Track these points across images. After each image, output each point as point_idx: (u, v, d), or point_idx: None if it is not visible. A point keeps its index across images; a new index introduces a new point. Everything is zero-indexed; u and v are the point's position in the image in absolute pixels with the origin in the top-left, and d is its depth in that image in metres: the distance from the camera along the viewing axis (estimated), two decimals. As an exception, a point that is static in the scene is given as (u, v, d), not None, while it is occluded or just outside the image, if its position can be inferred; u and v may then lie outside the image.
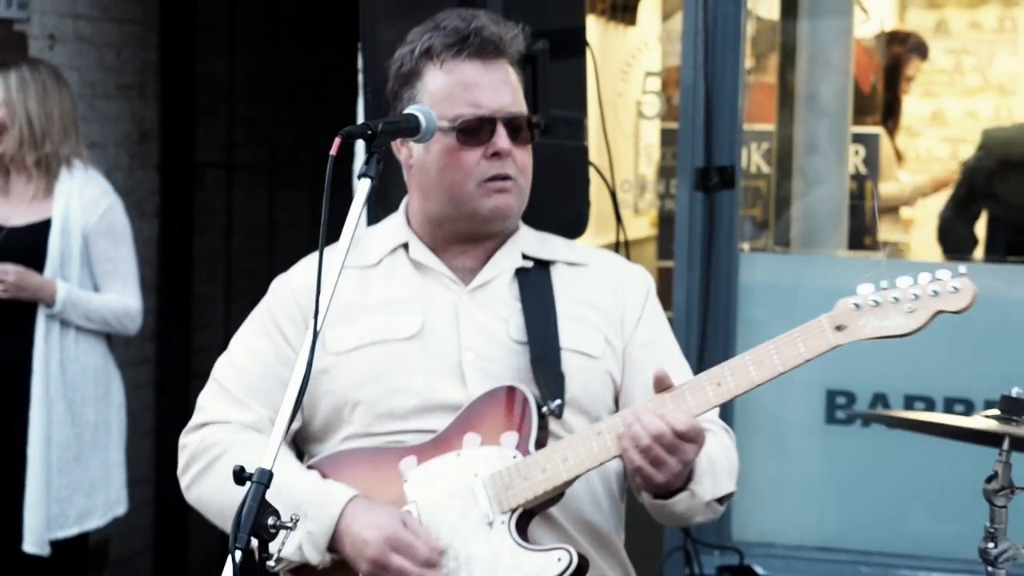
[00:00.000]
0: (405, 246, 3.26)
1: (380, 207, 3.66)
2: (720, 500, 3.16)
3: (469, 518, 3.08)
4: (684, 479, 3.02)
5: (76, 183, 5.82)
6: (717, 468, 3.14)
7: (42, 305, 5.67)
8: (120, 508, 6.02)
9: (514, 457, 3.08)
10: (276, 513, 2.77)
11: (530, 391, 3.12)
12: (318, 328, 2.83)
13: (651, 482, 2.98)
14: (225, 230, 7.89)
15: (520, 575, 3.05)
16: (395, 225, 3.24)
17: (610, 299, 3.28)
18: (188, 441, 3.27)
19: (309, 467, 3.17)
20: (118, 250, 5.94)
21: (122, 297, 5.88)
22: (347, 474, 3.13)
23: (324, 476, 3.11)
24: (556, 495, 3.08)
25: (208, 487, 3.21)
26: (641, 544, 5.30)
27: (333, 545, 3.04)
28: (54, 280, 5.69)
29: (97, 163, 7.08)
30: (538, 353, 3.16)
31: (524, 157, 3.25)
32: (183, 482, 3.27)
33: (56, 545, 5.76)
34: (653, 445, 2.92)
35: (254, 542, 2.71)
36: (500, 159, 3.19)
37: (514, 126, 3.22)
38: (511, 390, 3.12)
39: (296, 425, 3.23)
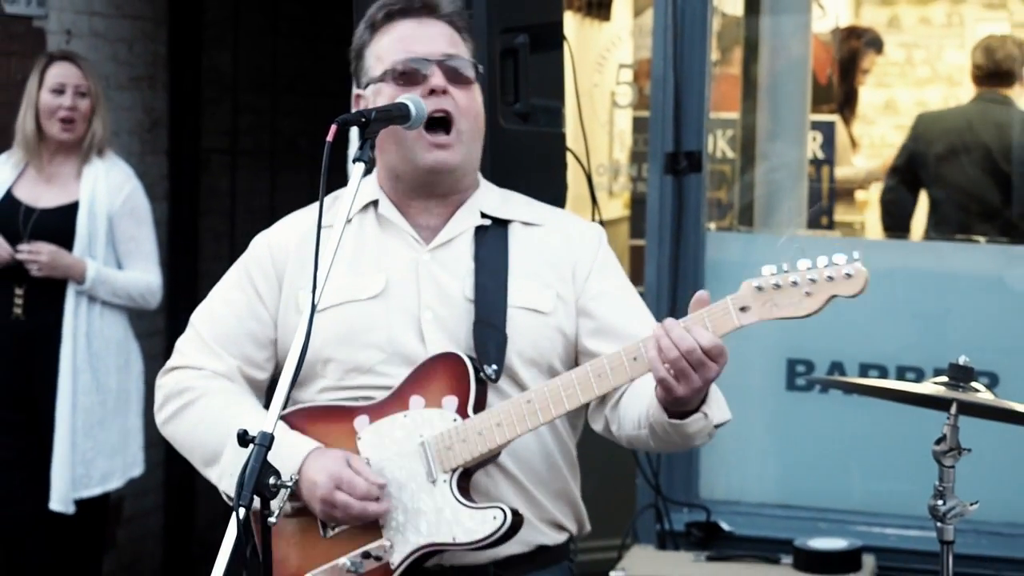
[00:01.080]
0: (375, 203, 3.23)
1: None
2: (717, 426, 3.11)
3: (415, 476, 3.07)
4: (699, 401, 2.98)
5: (102, 168, 5.86)
6: (720, 397, 3.10)
7: (72, 282, 5.68)
8: (137, 470, 6.04)
9: (454, 420, 3.07)
10: (277, 473, 2.78)
11: (469, 357, 3.10)
12: (316, 301, 2.84)
13: (672, 394, 2.91)
14: (230, 211, 7.87)
15: (460, 529, 3.05)
16: (368, 182, 3.19)
17: (562, 255, 3.25)
18: (164, 382, 3.28)
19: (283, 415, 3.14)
20: (140, 230, 5.96)
21: (145, 274, 5.91)
22: (309, 428, 3.13)
23: (291, 426, 3.11)
24: (493, 455, 3.08)
25: (181, 427, 3.23)
26: (615, 503, 5.30)
27: (294, 493, 3.01)
28: (84, 259, 5.70)
29: (112, 151, 7.13)
30: (483, 315, 3.15)
31: (466, 99, 3.19)
32: (159, 418, 3.29)
33: (80, 504, 5.77)
34: (681, 358, 2.87)
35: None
36: (437, 97, 3.14)
37: (449, 68, 3.17)
38: (454, 356, 3.10)
39: (265, 375, 3.28)
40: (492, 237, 3.22)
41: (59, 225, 5.74)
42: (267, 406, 3.17)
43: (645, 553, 4.96)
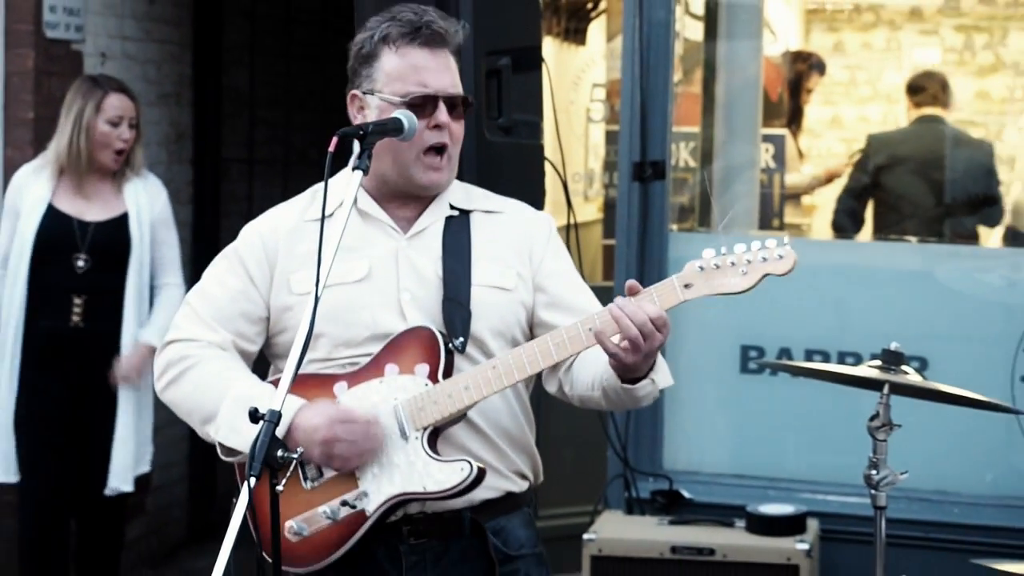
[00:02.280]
0: (355, 199, 3.18)
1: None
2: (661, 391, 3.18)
3: (390, 434, 3.08)
4: (648, 368, 3.02)
5: (140, 181, 5.82)
6: (664, 365, 3.14)
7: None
8: (152, 453, 6.08)
9: (425, 385, 3.08)
10: (284, 446, 2.81)
11: (439, 330, 3.12)
12: (319, 294, 2.87)
13: (623, 362, 2.96)
14: (247, 214, 7.80)
15: (430, 480, 3.06)
16: (344, 181, 3.15)
17: (520, 239, 3.27)
18: (163, 353, 3.27)
19: (271, 380, 3.19)
20: (170, 236, 5.95)
21: (175, 292, 5.84)
22: (296, 392, 3.08)
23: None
24: (460, 415, 3.10)
25: (180, 392, 3.22)
26: (588, 474, 5.30)
27: (287, 444, 2.97)
28: (142, 342, 5.66)
29: (143, 159, 7.11)
30: (450, 293, 3.16)
31: (458, 129, 3.22)
32: (159, 386, 3.28)
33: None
34: (632, 327, 2.92)
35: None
36: (440, 130, 3.16)
37: (452, 104, 3.19)
38: (425, 329, 3.12)
39: (255, 347, 3.27)
40: (457, 225, 3.24)
41: (114, 236, 5.69)
42: (257, 374, 3.21)
43: (614, 518, 4.96)
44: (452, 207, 3.26)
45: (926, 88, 7.19)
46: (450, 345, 3.12)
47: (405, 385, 3.10)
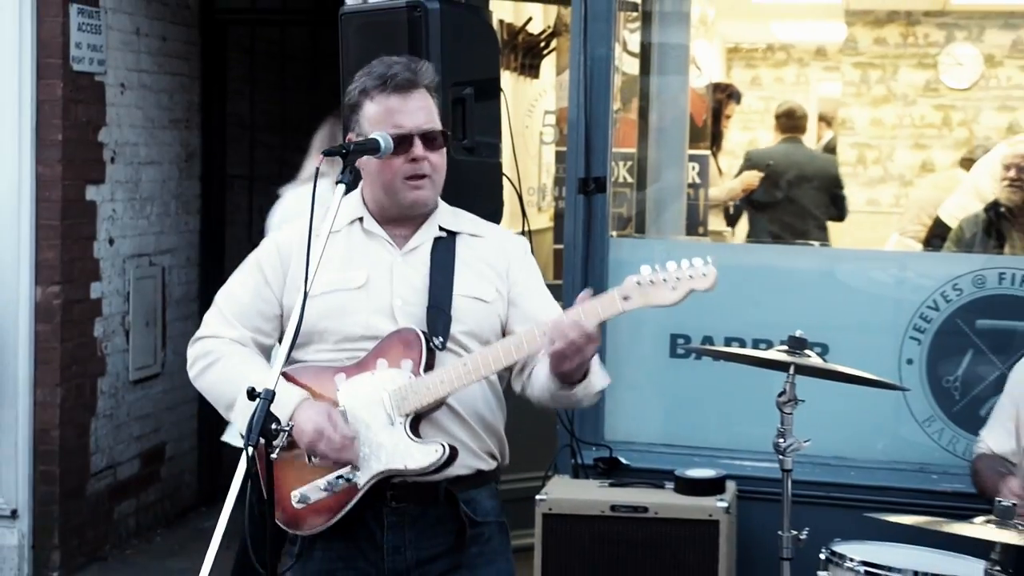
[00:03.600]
0: (360, 219, 3.28)
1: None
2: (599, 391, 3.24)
3: (378, 419, 3.13)
4: (583, 374, 3.08)
5: None
6: (599, 369, 3.19)
7: None
8: None
9: (409, 378, 3.13)
10: (277, 420, 2.89)
11: (422, 331, 3.16)
12: (308, 290, 2.96)
13: (560, 369, 3.04)
14: (248, 223, 7.87)
15: (411, 459, 3.12)
16: (354, 203, 3.25)
17: (499, 259, 3.31)
18: (194, 347, 3.34)
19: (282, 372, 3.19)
20: None
21: None
22: (303, 380, 3.18)
23: (288, 379, 3.14)
24: (438, 404, 3.14)
25: (207, 381, 3.30)
26: (540, 444, 5.30)
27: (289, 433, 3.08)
28: None
29: (158, 177, 7.14)
30: (434, 301, 3.20)
31: (437, 159, 3.25)
32: (191, 374, 3.34)
33: None
34: (569, 343, 2.99)
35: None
36: (416, 163, 3.20)
37: (428, 137, 3.22)
38: (411, 330, 3.16)
39: (272, 341, 3.32)
40: (444, 245, 3.28)
41: None
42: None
43: (562, 481, 4.97)
44: (441, 228, 3.30)
45: (789, 117, 7.64)
46: (431, 344, 3.15)
47: (392, 377, 3.14)
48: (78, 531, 6.66)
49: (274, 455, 2.92)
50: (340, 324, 3.20)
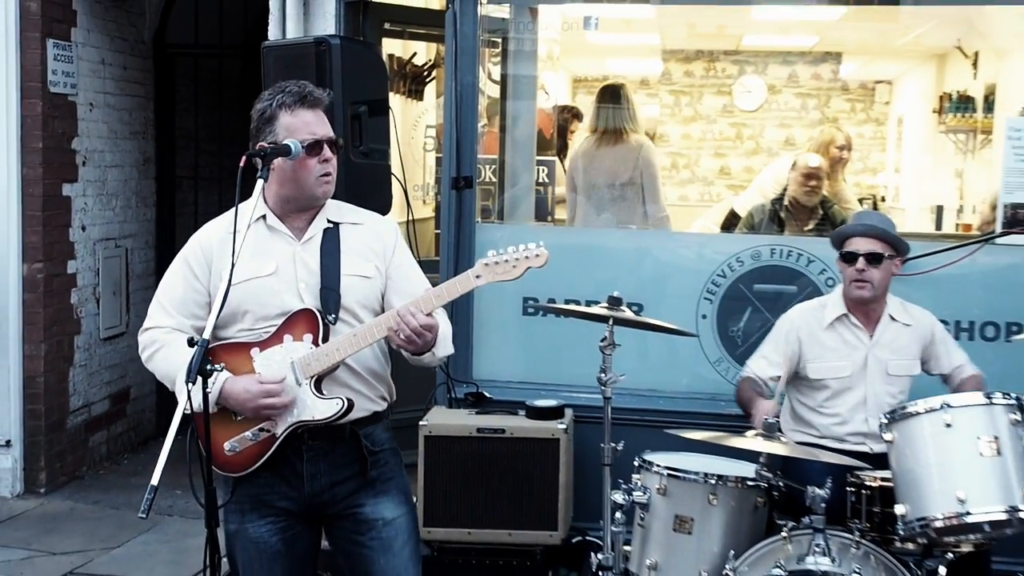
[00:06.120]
0: (264, 216, 3.21)
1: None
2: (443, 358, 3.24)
3: (289, 381, 3.10)
4: (430, 346, 3.09)
5: None
6: (445, 340, 3.19)
7: None
8: None
9: (311, 348, 3.10)
10: (209, 362, 2.87)
11: (318, 310, 3.12)
12: (231, 277, 2.93)
13: (408, 349, 3.07)
14: (193, 215, 7.73)
15: (317, 412, 3.10)
16: (255, 203, 3.10)
17: (376, 242, 3.26)
18: (142, 336, 3.27)
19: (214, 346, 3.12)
20: None
21: None
22: (223, 355, 3.12)
23: (214, 354, 3.07)
24: (335, 367, 3.11)
25: (154, 366, 3.23)
26: (423, 383, 5.29)
27: (219, 402, 3.07)
28: None
29: (120, 177, 7.00)
30: (326, 283, 3.16)
31: (335, 161, 3.22)
32: (143, 359, 3.26)
33: None
34: (411, 334, 3.01)
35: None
36: (326, 163, 3.17)
37: (332, 144, 3.20)
38: (308, 310, 3.13)
39: (204, 323, 3.17)
40: (331, 234, 3.23)
41: None
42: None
43: (440, 411, 4.98)
44: (328, 221, 3.24)
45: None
46: (326, 320, 3.12)
47: (297, 348, 3.11)
48: (60, 456, 6.55)
49: (209, 390, 2.88)
50: (258, 306, 3.14)
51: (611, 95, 6.36)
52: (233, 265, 2.91)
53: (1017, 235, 4.90)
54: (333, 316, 3.13)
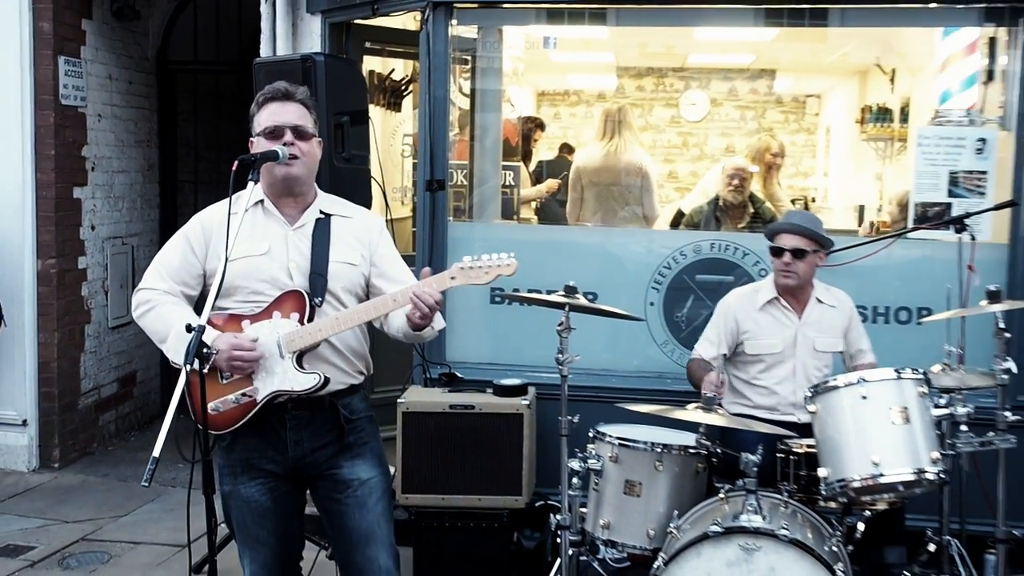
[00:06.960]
0: (261, 202, 3.23)
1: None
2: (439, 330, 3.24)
3: (274, 354, 3.11)
4: (428, 322, 3.09)
5: None
6: (439, 316, 3.17)
7: None
8: None
9: (296, 326, 3.10)
10: (206, 346, 2.87)
11: (306, 292, 3.12)
12: (229, 255, 2.96)
13: (413, 322, 3.06)
14: (194, 214, 7.74)
15: (296, 383, 3.11)
16: (254, 189, 3.13)
17: (363, 234, 3.27)
18: (136, 296, 3.25)
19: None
20: None
21: None
22: (219, 323, 3.13)
23: (213, 323, 3.10)
24: (316, 344, 3.11)
25: (146, 323, 3.21)
26: (401, 364, 5.30)
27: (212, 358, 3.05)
28: None
29: (127, 182, 6.99)
30: (315, 268, 3.16)
31: (307, 146, 3.18)
32: (134, 315, 3.24)
33: None
34: (428, 311, 3.01)
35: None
36: (288, 146, 3.15)
37: (298, 131, 3.17)
38: (297, 291, 3.13)
39: (195, 293, 3.24)
40: (322, 224, 3.24)
41: None
42: (196, 310, 3.20)
43: (417, 390, 4.96)
44: (321, 212, 3.25)
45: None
46: (312, 302, 3.12)
47: (284, 325, 3.11)
48: (72, 434, 6.55)
49: (206, 369, 2.89)
50: (251, 281, 3.15)
51: (617, 111, 6.61)
52: (227, 255, 2.95)
53: (927, 230, 5.00)
54: (319, 299, 3.13)
